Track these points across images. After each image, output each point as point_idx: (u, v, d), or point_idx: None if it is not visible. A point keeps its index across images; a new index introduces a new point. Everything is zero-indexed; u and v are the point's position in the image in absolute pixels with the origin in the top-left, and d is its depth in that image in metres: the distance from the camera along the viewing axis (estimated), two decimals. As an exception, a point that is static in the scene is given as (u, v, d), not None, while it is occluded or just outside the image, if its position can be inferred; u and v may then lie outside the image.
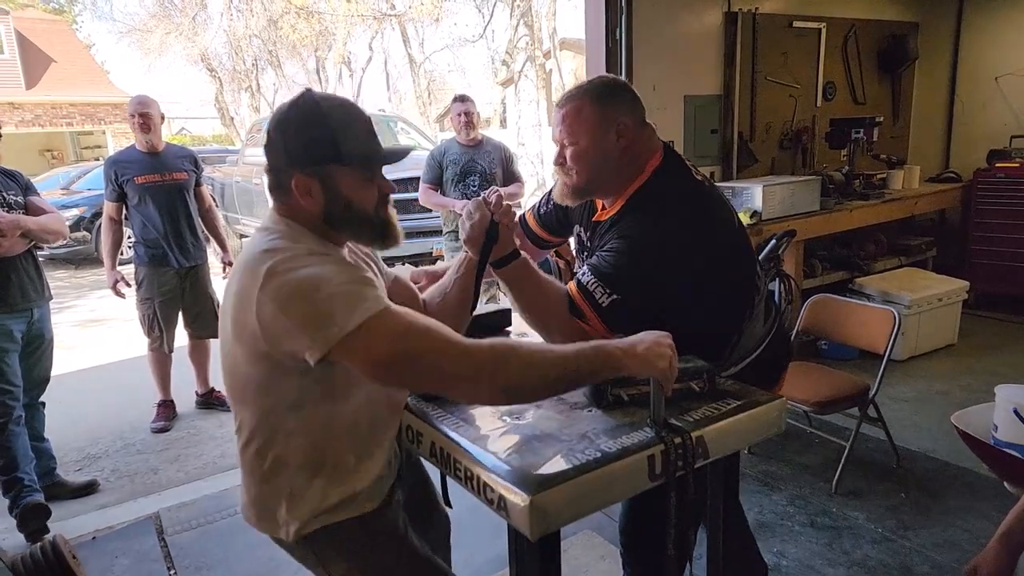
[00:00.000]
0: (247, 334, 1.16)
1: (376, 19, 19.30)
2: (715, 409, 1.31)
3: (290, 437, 1.25)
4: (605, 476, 1.13)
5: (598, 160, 1.58)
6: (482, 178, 4.20)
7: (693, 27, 4.17)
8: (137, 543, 2.73)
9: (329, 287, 1.10)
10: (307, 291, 1.10)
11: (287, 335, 1.11)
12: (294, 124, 1.20)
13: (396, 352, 1.09)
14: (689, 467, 1.21)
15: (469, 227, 1.52)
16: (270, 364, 1.18)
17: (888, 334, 2.83)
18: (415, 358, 1.10)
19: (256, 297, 1.12)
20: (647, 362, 1.17)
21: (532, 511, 1.06)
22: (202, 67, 21.75)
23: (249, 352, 1.19)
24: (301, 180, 1.19)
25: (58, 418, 3.28)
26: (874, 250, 4.94)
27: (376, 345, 1.09)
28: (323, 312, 1.08)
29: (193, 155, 3.95)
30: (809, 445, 3.24)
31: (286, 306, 1.10)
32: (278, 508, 1.28)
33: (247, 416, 1.28)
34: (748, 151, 4.52)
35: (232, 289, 1.21)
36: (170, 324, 3.81)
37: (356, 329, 1.07)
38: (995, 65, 5.20)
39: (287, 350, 1.13)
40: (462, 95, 4.28)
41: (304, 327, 1.09)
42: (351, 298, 1.10)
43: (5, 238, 2.67)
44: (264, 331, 1.13)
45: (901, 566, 2.38)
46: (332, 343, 1.08)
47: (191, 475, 3.33)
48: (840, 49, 5.01)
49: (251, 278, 1.14)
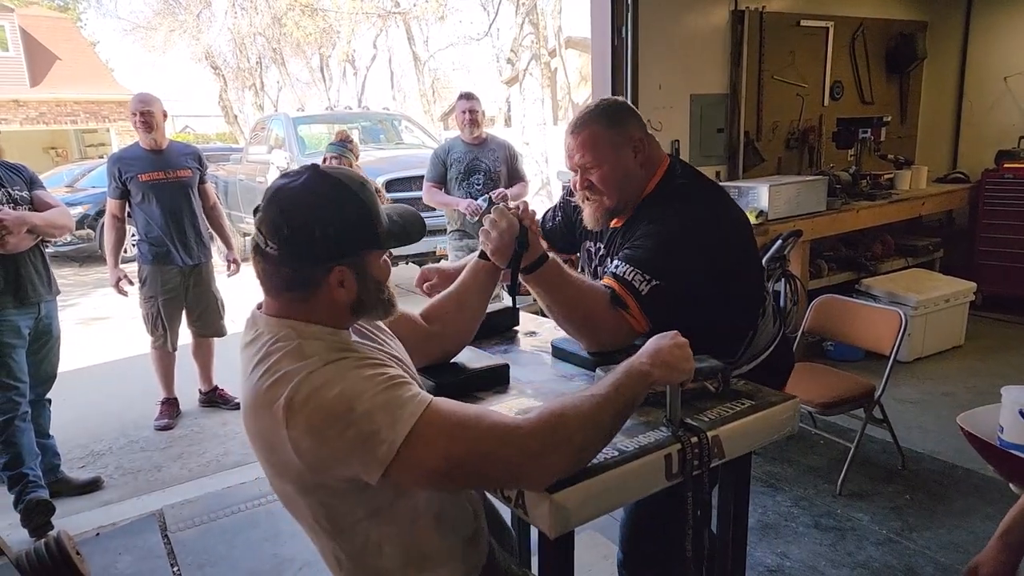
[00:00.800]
0: (291, 473, 1.06)
1: (380, 17, 19.30)
2: (729, 409, 1.32)
3: (381, 547, 1.15)
4: (623, 474, 1.14)
5: (623, 178, 1.63)
6: (486, 176, 4.19)
7: (700, 25, 4.16)
8: (140, 540, 2.73)
9: (363, 402, 0.98)
10: (342, 414, 0.97)
11: (336, 464, 1.01)
12: (324, 210, 1.04)
13: (454, 456, 1.00)
14: (705, 466, 1.21)
15: (496, 237, 1.44)
16: (328, 490, 1.08)
17: (894, 335, 2.81)
18: (476, 458, 1.01)
19: (286, 437, 0.99)
20: (674, 368, 1.16)
21: (553, 509, 1.06)
22: (206, 65, 21.80)
23: (300, 487, 1.08)
24: (339, 273, 1.06)
25: (62, 415, 3.28)
26: (881, 251, 4.92)
27: (432, 450, 0.99)
28: (366, 432, 0.97)
29: (197, 152, 3.94)
30: (814, 446, 3.23)
31: (324, 437, 0.98)
32: None
33: (330, 546, 1.17)
34: (754, 150, 4.50)
35: (252, 432, 1.08)
36: (173, 322, 3.80)
37: (406, 441, 0.97)
38: (1004, 65, 5.18)
39: (342, 476, 1.03)
40: (468, 92, 4.26)
41: (352, 453, 0.98)
42: (390, 407, 0.99)
43: (12, 235, 2.66)
44: (309, 467, 1.02)
45: (905, 568, 2.37)
46: (387, 462, 0.98)
47: (194, 472, 3.33)
48: (848, 48, 4.99)
49: (269, 420, 1.01)
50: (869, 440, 3.11)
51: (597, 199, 1.65)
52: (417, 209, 1.44)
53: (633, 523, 1.76)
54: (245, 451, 3.53)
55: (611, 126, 1.62)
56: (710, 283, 1.54)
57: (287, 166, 7.76)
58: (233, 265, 4.07)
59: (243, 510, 2.91)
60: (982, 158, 5.19)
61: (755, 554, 2.46)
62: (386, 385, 1.01)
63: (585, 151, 1.62)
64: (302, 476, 1.05)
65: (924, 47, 5.30)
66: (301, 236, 1.03)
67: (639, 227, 1.61)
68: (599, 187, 1.63)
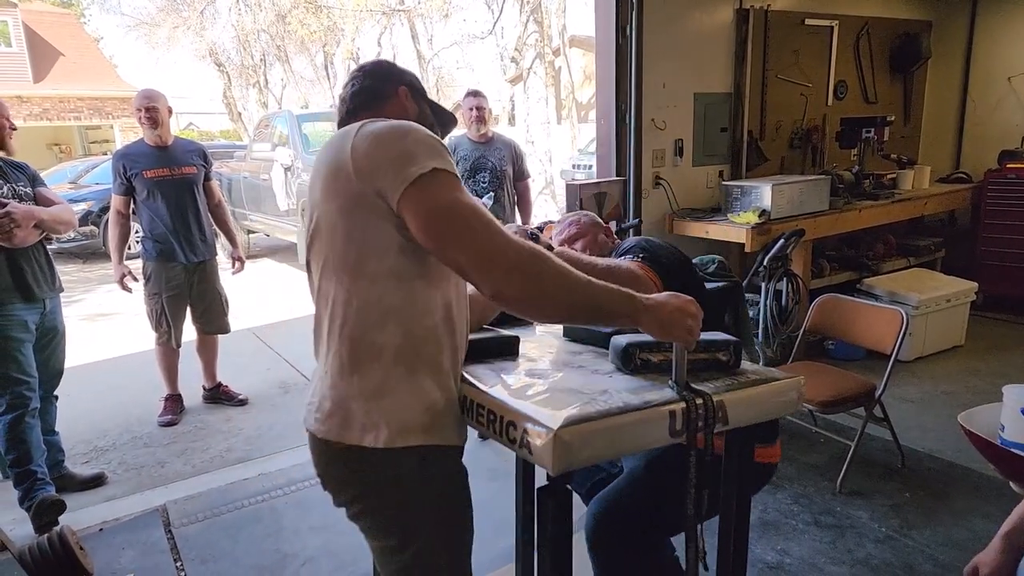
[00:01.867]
0: (340, 182, 1.21)
1: (385, 14, 19.30)
2: (736, 380, 1.36)
3: (386, 317, 1.22)
4: (627, 423, 1.17)
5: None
6: (492, 175, 4.18)
7: (704, 24, 4.16)
8: (144, 535, 2.74)
9: (416, 135, 1.20)
10: (398, 134, 1.19)
11: (378, 171, 1.17)
12: (397, 68, 1.50)
13: (452, 208, 1.14)
14: (710, 429, 1.24)
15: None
16: (365, 210, 1.19)
17: (895, 334, 2.82)
18: (466, 222, 1.14)
19: (351, 144, 1.19)
20: (663, 326, 1.21)
21: (555, 444, 1.09)
22: (210, 62, 21.82)
23: (343, 201, 1.21)
24: (405, 91, 1.44)
25: (66, 411, 3.29)
26: (883, 250, 4.93)
27: (438, 194, 1.15)
28: (409, 152, 1.16)
29: (203, 149, 3.95)
30: (814, 444, 3.24)
31: (378, 144, 1.18)
32: (369, 405, 1.23)
33: (341, 291, 1.24)
34: (758, 150, 4.51)
35: (323, 165, 1.26)
36: (178, 319, 3.82)
37: (431, 172, 1.14)
38: (1008, 65, 5.18)
39: (378, 187, 1.17)
40: (475, 90, 4.24)
41: (392, 163, 1.16)
42: (433, 148, 1.19)
43: (20, 228, 2.68)
44: (357, 168, 1.18)
45: (904, 565, 2.38)
46: (410, 180, 1.14)
47: (198, 468, 3.35)
48: (852, 47, 4.99)
49: (341, 140, 1.23)
50: (869, 438, 3.12)
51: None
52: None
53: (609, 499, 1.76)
54: (249, 447, 3.55)
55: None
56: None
57: (291, 164, 7.78)
58: (238, 263, 4.09)
59: (246, 506, 2.93)
60: (985, 158, 5.20)
61: (755, 551, 2.47)
62: (436, 139, 1.23)
63: None
64: (349, 183, 1.19)
65: (928, 47, 5.30)
66: (374, 72, 1.46)
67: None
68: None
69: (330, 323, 1.27)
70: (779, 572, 2.37)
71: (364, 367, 1.24)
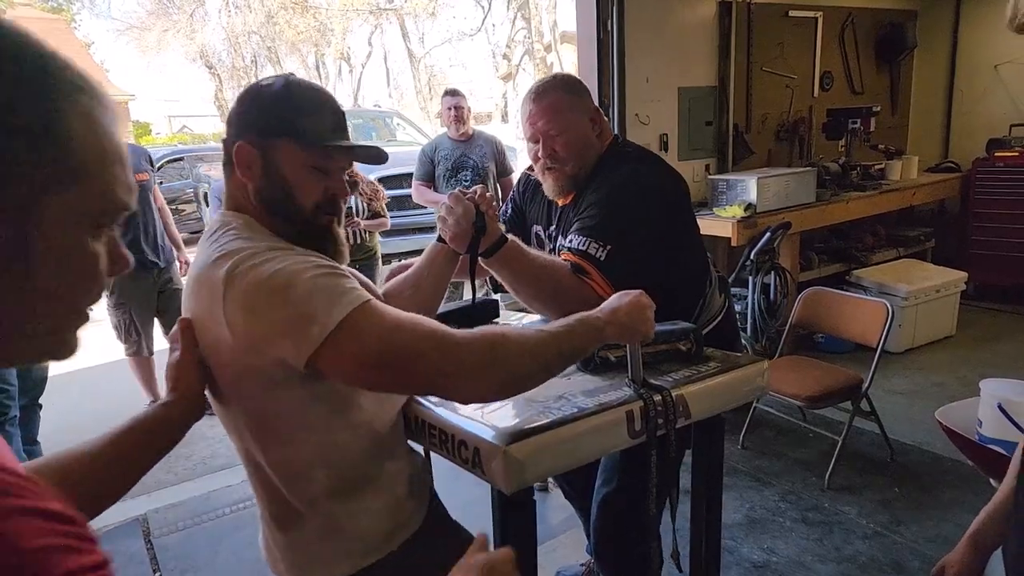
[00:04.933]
0: (223, 355, 1.03)
1: (373, 14, 19.24)
2: (697, 371, 1.33)
3: (311, 468, 1.12)
4: (582, 430, 1.13)
5: (584, 147, 1.69)
6: (474, 173, 4.15)
7: (687, 17, 4.12)
8: (123, 545, 2.71)
9: (303, 282, 0.96)
10: (279, 289, 0.95)
11: (266, 342, 0.98)
12: (256, 95, 1.11)
13: (385, 350, 0.96)
14: (671, 425, 1.21)
15: (453, 223, 1.43)
16: (261, 380, 1.04)
17: (881, 327, 2.79)
18: (407, 356, 0.98)
19: (223, 310, 0.97)
20: (629, 328, 1.16)
21: (507, 462, 1.05)
22: (201, 64, 21.77)
23: (232, 374, 1.05)
24: (244, 149, 1.07)
25: (47, 419, 3.25)
26: (872, 242, 4.89)
27: (363, 343, 0.96)
28: (301, 312, 0.94)
29: (148, 154, 3.95)
30: (803, 440, 3.21)
31: (259, 311, 0.96)
32: (321, 547, 1.16)
33: (251, 455, 1.15)
34: (744, 143, 4.47)
35: (189, 311, 1.07)
36: (147, 327, 3.81)
37: (340, 325, 0.94)
38: (995, 53, 5.13)
39: (271, 358, 1.00)
40: (452, 89, 4.23)
41: (284, 331, 0.96)
42: (329, 292, 0.96)
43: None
44: (240, 343, 0.99)
45: (892, 562, 2.35)
46: (316, 344, 0.94)
47: (181, 476, 3.31)
48: (837, 38, 4.95)
49: (209, 292, 1.00)
50: (858, 433, 3.09)
51: (558, 168, 1.68)
52: (409, 206, 1.45)
53: (603, 508, 1.75)
54: (232, 454, 3.51)
55: (573, 95, 1.69)
56: (660, 240, 1.60)
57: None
58: (185, 265, 4.04)
59: (228, 513, 2.90)
60: (973, 147, 5.15)
61: (741, 550, 2.44)
62: (328, 272, 1.00)
63: (549, 117, 1.66)
64: (235, 357, 1.02)
65: (914, 36, 5.25)
66: (230, 113, 1.11)
67: (588, 195, 1.65)
68: (562, 154, 1.66)
69: (248, 474, 1.18)
70: (765, 571, 2.34)
71: (299, 521, 1.15)
